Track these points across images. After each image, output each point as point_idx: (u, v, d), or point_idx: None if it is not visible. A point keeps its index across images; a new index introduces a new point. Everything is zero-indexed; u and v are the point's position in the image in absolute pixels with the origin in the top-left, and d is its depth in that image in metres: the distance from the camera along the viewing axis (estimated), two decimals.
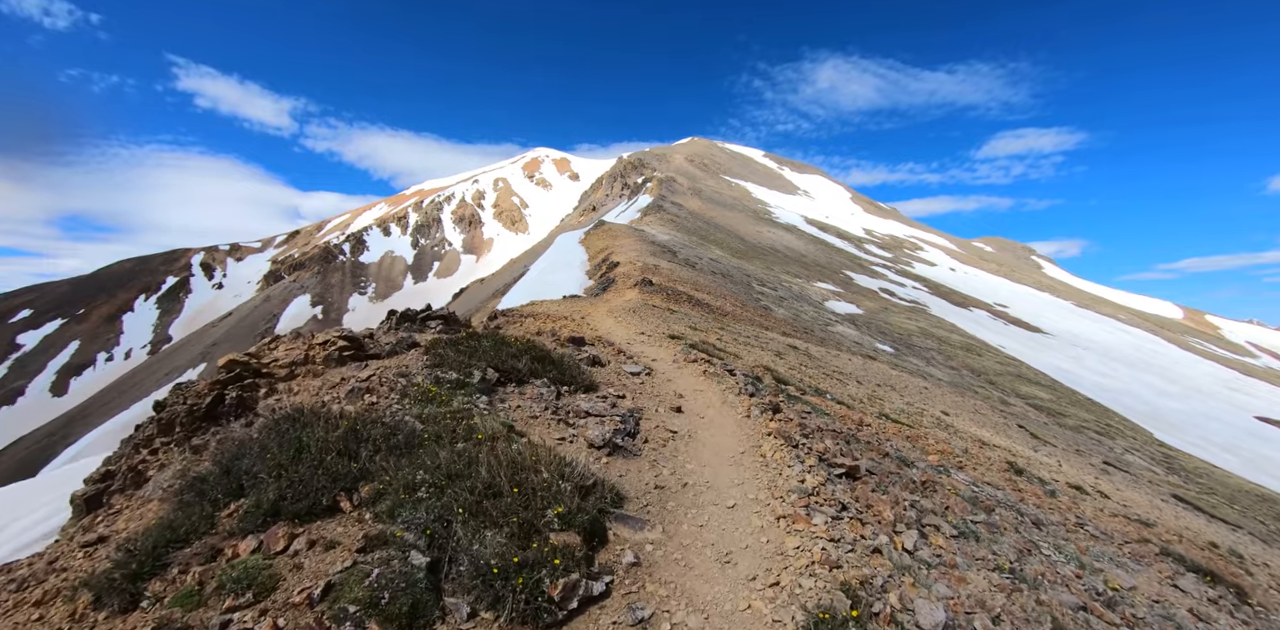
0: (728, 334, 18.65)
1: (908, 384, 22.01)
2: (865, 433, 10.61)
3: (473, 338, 9.26)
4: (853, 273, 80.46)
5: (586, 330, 14.38)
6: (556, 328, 13.65)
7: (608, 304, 21.14)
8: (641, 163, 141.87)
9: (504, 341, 9.24)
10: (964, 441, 14.07)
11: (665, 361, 11.91)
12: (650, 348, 13.28)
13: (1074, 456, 18.84)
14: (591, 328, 15.18)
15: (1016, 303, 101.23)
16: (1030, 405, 31.24)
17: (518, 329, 13.06)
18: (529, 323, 14.86)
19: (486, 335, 9.74)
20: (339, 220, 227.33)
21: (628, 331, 15.12)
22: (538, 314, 17.36)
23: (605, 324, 16.59)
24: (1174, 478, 22.76)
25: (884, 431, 11.72)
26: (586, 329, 14.58)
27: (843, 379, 17.61)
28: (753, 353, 16.53)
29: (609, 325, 16.33)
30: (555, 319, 16.07)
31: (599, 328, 15.55)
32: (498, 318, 16.71)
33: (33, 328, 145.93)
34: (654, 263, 33.55)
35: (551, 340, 11.34)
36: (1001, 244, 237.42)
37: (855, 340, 32.75)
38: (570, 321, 15.82)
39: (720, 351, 14.38)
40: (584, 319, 17.08)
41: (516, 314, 17.29)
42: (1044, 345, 70.52)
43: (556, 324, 14.68)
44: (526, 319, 15.81)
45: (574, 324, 15.35)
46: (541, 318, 16.21)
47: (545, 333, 12.35)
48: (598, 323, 16.73)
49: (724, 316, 22.53)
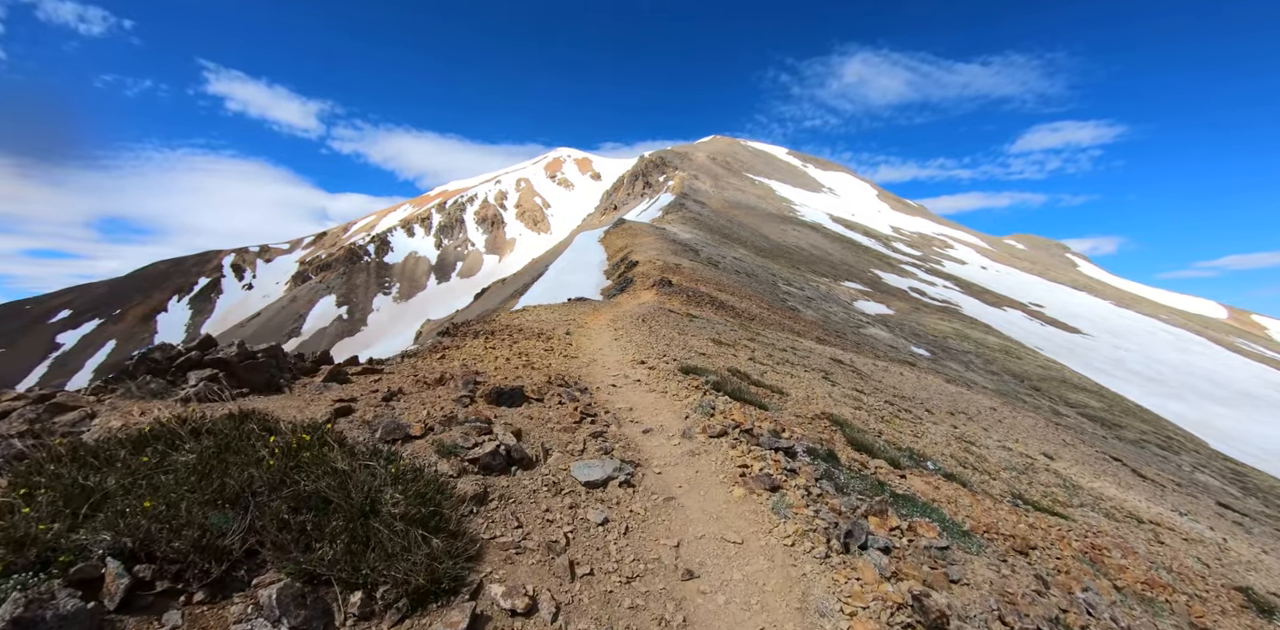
0: (760, 348, 15.37)
1: (972, 404, 19.60)
2: (1040, 567, 6.04)
3: (198, 434, 4.40)
4: (881, 272, 78.09)
5: (556, 360, 10.31)
6: (508, 357, 9.79)
7: (615, 309, 18.06)
8: (663, 161, 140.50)
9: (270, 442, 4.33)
10: (1122, 523, 10.00)
11: (670, 432, 6.86)
12: (649, 394, 8.39)
13: (1187, 500, 15.93)
14: (573, 352, 11.25)
15: (1052, 302, 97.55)
16: (1083, 415, 29.18)
17: (435, 364, 8.79)
18: (472, 346, 10.80)
19: (224, 429, 4.48)
20: (365, 221, 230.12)
21: (625, 356, 10.86)
22: (511, 327, 13.50)
23: (598, 342, 12.53)
24: (1253, 500, 20.69)
25: (1045, 544, 6.91)
26: (559, 357, 10.58)
27: (910, 407, 14.73)
28: (799, 382, 12.55)
29: (602, 345, 12.19)
30: (526, 337, 12.24)
31: (585, 350, 11.56)
32: (450, 332, 13.20)
33: (72, 327, 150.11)
34: (675, 262, 32.17)
35: (457, 396, 6.68)
36: (1035, 241, 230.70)
37: (889, 343, 31.01)
38: (545, 342, 11.88)
39: (757, 388, 10.24)
40: (570, 335, 13.21)
41: (471, 329, 13.28)
42: (1084, 347, 67.46)
43: (517, 349, 10.80)
44: (480, 339, 11.72)
45: (548, 346, 11.51)
46: (504, 336, 12.15)
47: (458, 377, 7.66)
48: (589, 341, 12.71)
49: (751, 321, 20.73)
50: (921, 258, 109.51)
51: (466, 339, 11.88)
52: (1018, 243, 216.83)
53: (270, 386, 6.73)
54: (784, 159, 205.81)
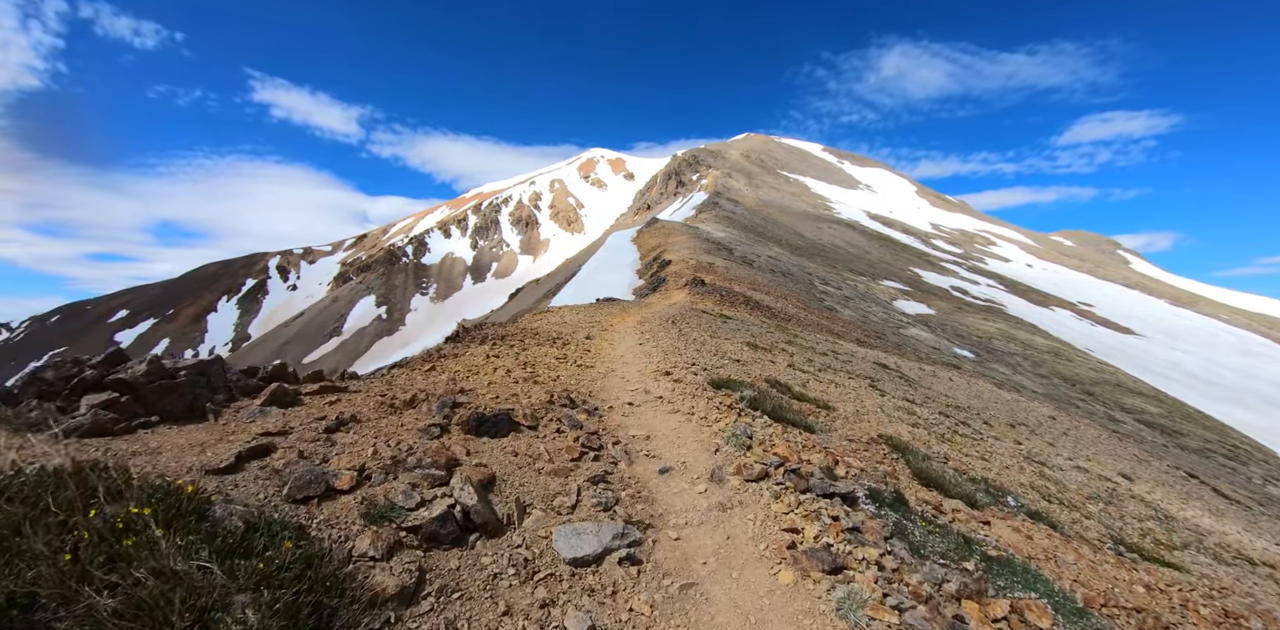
0: (799, 353, 14.68)
1: (1031, 414, 18.22)
2: None
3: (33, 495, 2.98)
4: (920, 270, 75.95)
5: (567, 370, 9.00)
6: (509, 368, 8.48)
7: (645, 310, 17.04)
8: (696, 160, 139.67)
9: None
10: (1234, 565, 8.80)
11: (695, 473, 5.47)
12: (673, 417, 6.99)
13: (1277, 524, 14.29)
14: (589, 360, 10.07)
15: (1103, 301, 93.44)
16: (1140, 421, 27.65)
17: (416, 378, 7.55)
18: (472, 355, 9.32)
19: (34, 494, 2.98)
20: (403, 223, 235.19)
21: (648, 364, 9.66)
22: (527, 331, 12.34)
23: (620, 347, 11.34)
24: None
25: (1176, 618, 5.67)
26: (571, 367, 9.31)
27: (968, 420, 13.38)
28: (845, 393, 11.56)
29: (624, 351, 10.97)
30: (540, 342, 11.12)
31: (605, 358, 10.38)
32: (458, 335, 11.81)
33: (129, 327, 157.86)
34: (708, 261, 31.73)
35: (425, 425, 5.48)
36: (1083, 237, 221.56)
37: (931, 345, 29.96)
38: (560, 348, 10.78)
39: (800, 403, 9.31)
40: (591, 340, 11.99)
41: (481, 333, 11.72)
42: (1138, 349, 64.35)
43: (524, 358, 9.48)
44: (486, 345, 10.37)
45: (562, 353, 10.38)
46: (513, 341, 10.93)
47: (436, 397, 6.33)
48: (610, 346, 11.56)
49: (788, 322, 20.09)
50: (963, 255, 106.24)
51: (470, 345, 10.42)
52: (1065, 239, 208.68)
53: (192, 412, 5.38)
54: (819, 156, 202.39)
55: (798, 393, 10.07)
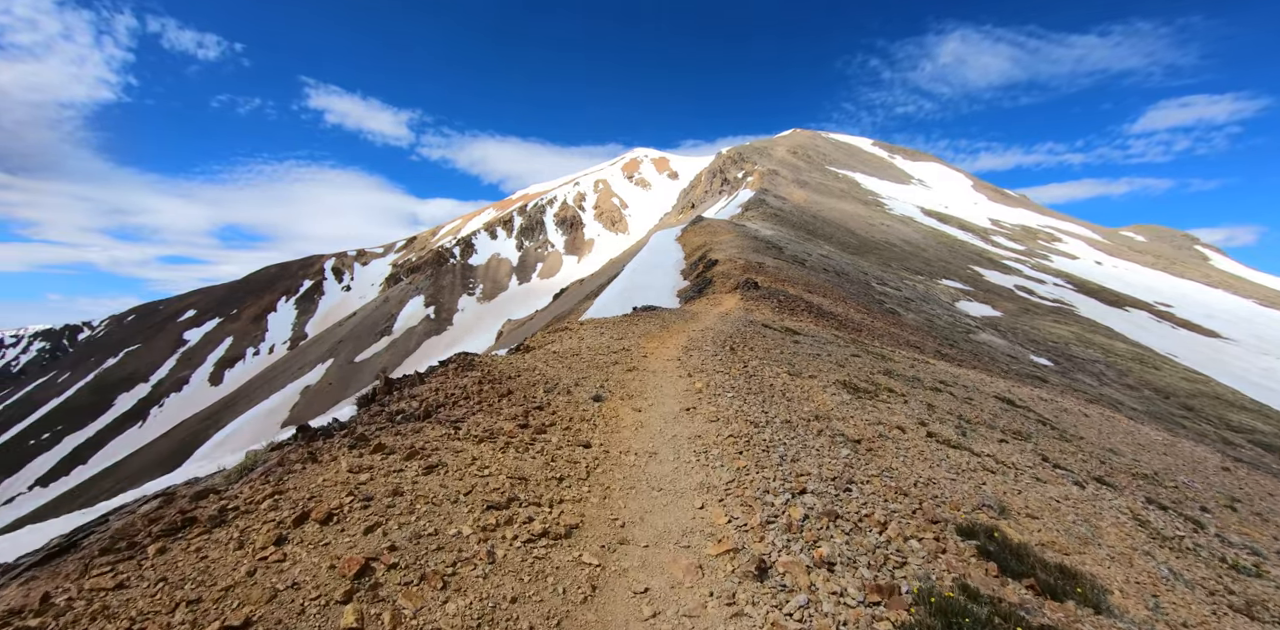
0: (911, 392, 11.04)
1: (1205, 465, 13.48)
2: None
3: None
4: (981, 268, 71.88)
5: (507, 533, 4.83)
6: (347, 560, 4.20)
7: (691, 325, 13.76)
8: (741, 157, 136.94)
9: None
10: None
11: None
12: None
13: None
14: (578, 473, 6.06)
15: (1182, 301, 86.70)
16: (1252, 442, 24.54)
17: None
18: (429, 431, 6.50)
19: None
20: (451, 225, 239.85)
21: (706, 440, 6.51)
22: (499, 378, 8.89)
23: (652, 415, 7.61)
24: None
25: None
26: (518, 530, 4.89)
27: (1197, 518, 8.93)
28: (1059, 517, 7.23)
29: (657, 427, 7.11)
30: (505, 418, 7.34)
31: (612, 454, 6.55)
32: (304, 434, 7.47)
33: (196, 325, 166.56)
34: (757, 260, 30.03)
35: None
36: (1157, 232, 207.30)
37: (1007, 352, 27.50)
38: (529, 447, 6.53)
39: (1038, 599, 4.85)
40: (601, 402, 8.07)
41: (473, 376, 8.79)
42: (1228, 354, 59.03)
43: (418, 492, 5.22)
44: (349, 456, 5.86)
45: (525, 465, 6.01)
46: (430, 432, 6.61)
47: None
48: (632, 413, 7.72)
49: (859, 333, 17.83)
50: (1026, 252, 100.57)
51: (307, 465, 5.65)
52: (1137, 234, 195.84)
53: None
54: (869, 151, 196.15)
55: (1016, 548, 5.34)
